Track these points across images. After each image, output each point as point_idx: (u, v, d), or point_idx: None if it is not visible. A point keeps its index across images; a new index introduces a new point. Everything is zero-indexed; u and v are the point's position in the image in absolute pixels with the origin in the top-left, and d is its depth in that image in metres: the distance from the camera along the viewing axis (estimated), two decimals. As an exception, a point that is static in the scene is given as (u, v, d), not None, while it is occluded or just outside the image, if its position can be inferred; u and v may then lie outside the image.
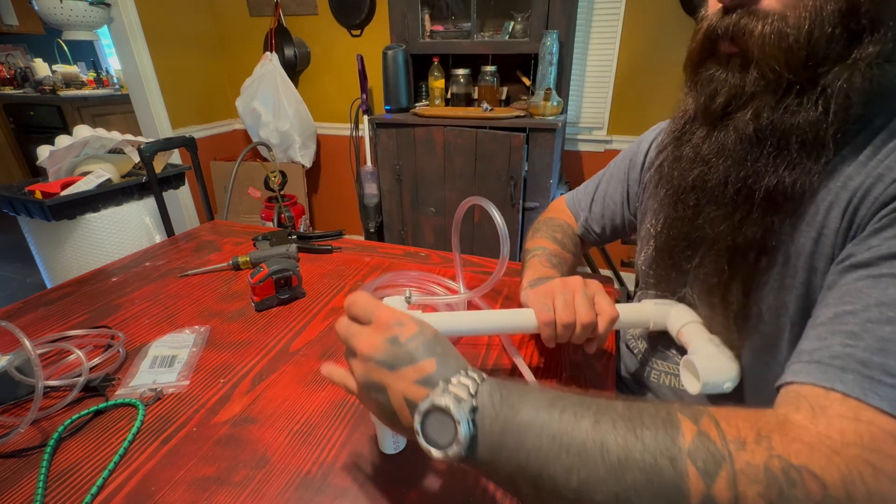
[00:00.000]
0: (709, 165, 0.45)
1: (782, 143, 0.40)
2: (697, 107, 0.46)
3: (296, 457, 0.46)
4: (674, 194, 0.50)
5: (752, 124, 0.41)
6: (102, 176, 1.43)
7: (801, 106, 0.39)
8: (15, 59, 3.71)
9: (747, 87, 0.41)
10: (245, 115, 2.45)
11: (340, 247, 0.94)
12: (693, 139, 0.47)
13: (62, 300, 0.75)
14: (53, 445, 0.47)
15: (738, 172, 0.42)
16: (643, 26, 1.90)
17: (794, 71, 0.38)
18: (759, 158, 0.41)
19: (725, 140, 0.43)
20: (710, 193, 0.45)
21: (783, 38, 0.37)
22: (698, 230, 0.47)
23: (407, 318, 0.35)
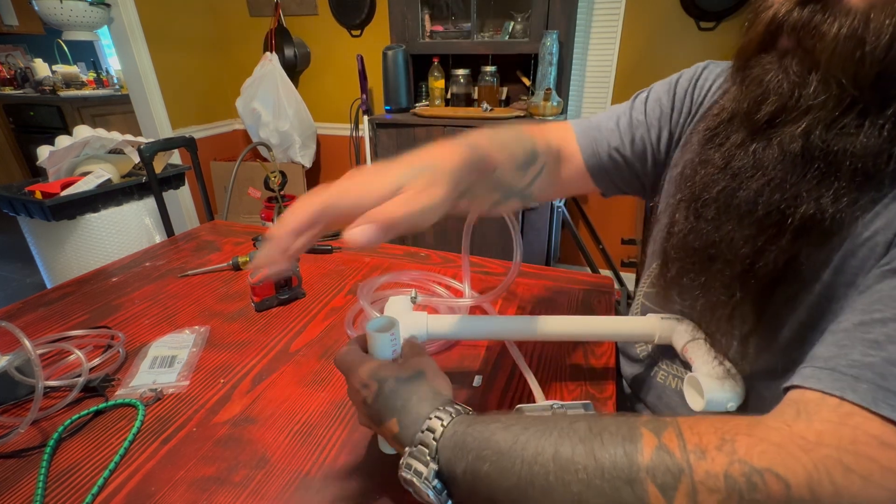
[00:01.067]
0: (739, 179, 0.39)
1: (831, 167, 0.34)
2: (738, 109, 0.40)
3: (296, 457, 0.46)
4: (691, 201, 0.44)
5: (800, 142, 0.35)
6: (102, 176, 1.43)
7: (861, 129, 0.33)
8: (15, 59, 3.71)
9: (802, 100, 0.35)
10: (245, 115, 2.45)
11: (340, 247, 0.94)
12: (726, 144, 0.41)
13: (62, 300, 0.75)
14: (53, 446, 0.47)
15: (774, 194, 0.37)
16: (643, 26, 1.90)
17: (861, 87, 0.33)
18: (801, 182, 0.36)
19: (765, 155, 0.37)
20: (735, 210, 0.40)
21: (859, 45, 0.31)
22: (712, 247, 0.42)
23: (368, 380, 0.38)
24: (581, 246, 1.94)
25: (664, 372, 0.57)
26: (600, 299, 0.75)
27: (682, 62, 1.95)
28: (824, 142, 0.34)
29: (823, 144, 0.34)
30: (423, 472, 0.32)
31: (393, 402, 0.36)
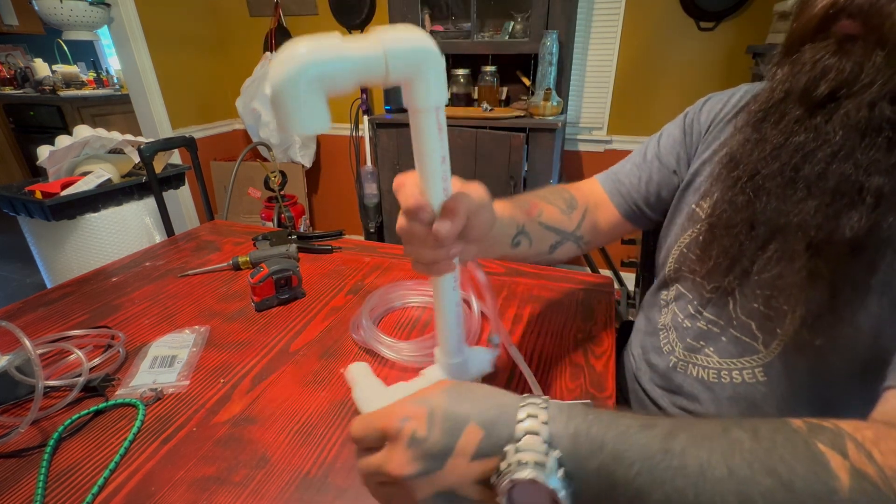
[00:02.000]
0: (803, 154, 0.40)
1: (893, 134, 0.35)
2: (793, 88, 0.40)
3: (296, 457, 0.46)
4: (749, 177, 0.44)
5: (865, 112, 0.36)
6: (102, 176, 1.43)
7: None
8: (15, 59, 3.71)
9: (865, 75, 0.36)
10: (245, 115, 2.45)
11: (340, 247, 0.94)
12: (783, 122, 0.42)
13: (62, 300, 0.75)
14: (53, 445, 0.47)
15: (844, 164, 0.37)
16: (643, 26, 1.90)
17: None
18: (871, 151, 0.36)
19: (829, 127, 0.38)
20: (803, 182, 0.40)
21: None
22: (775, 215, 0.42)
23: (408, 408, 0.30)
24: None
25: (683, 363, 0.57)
26: (600, 299, 0.75)
27: (682, 62, 1.96)
28: (893, 111, 0.35)
29: (892, 114, 0.35)
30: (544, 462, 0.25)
31: (457, 410, 0.29)
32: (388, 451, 0.30)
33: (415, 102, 0.37)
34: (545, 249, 0.60)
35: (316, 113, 0.32)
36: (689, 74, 1.90)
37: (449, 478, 0.28)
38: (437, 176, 0.41)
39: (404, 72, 0.35)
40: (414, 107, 0.38)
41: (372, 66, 0.33)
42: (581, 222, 0.62)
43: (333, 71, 0.32)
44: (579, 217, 0.62)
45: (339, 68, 0.32)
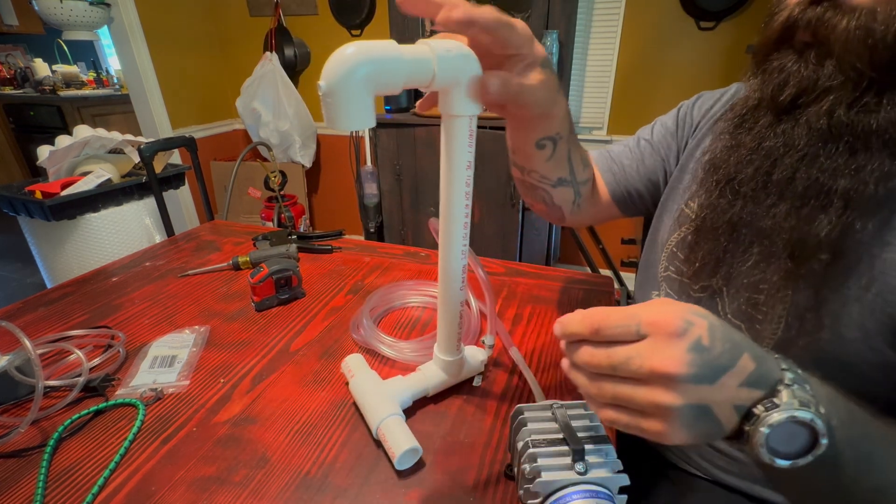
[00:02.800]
0: (773, 159, 0.42)
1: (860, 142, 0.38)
2: (763, 96, 0.44)
3: (296, 457, 0.46)
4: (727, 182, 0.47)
5: (825, 119, 0.38)
6: (102, 176, 1.43)
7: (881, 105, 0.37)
8: (15, 59, 3.71)
9: (821, 81, 0.38)
10: (245, 115, 2.45)
11: (340, 247, 0.94)
12: (756, 128, 0.45)
13: (62, 300, 0.75)
14: (53, 445, 0.47)
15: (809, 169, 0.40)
16: (643, 26, 1.90)
17: (878, 69, 0.36)
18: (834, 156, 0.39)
19: (794, 133, 0.41)
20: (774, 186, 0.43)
21: (869, 34, 0.36)
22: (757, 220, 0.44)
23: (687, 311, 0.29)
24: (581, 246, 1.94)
25: None
26: (600, 299, 0.75)
27: (682, 62, 1.96)
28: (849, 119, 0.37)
29: (847, 120, 0.37)
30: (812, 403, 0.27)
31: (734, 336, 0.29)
32: (656, 345, 0.28)
33: (451, 109, 0.39)
34: (554, 177, 0.58)
35: (363, 111, 0.34)
36: (689, 74, 1.90)
37: (715, 394, 0.28)
38: (461, 180, 0.43)
39: (450, 77, 0.37)
40: (449, 112, 0.40)
41: (421, 69, 0.36)
42: (586, 182, 0.62)
43: (384, 70, 0.34)
44: (587, 176, 0.62)
45: (390, 68, 0.34)
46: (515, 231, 1.87)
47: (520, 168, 0.58)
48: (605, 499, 0.35)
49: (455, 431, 0.49)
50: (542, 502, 0.36)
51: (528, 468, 0.37)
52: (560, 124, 0.51)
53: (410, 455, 0.45)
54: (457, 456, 0.46)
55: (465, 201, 0.44)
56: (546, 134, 0.51)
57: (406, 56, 0.35)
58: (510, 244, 1.91)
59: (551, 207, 0.62)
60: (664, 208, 0.61)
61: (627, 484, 0.36)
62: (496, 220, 1.89)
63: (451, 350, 0.52)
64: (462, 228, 0.46)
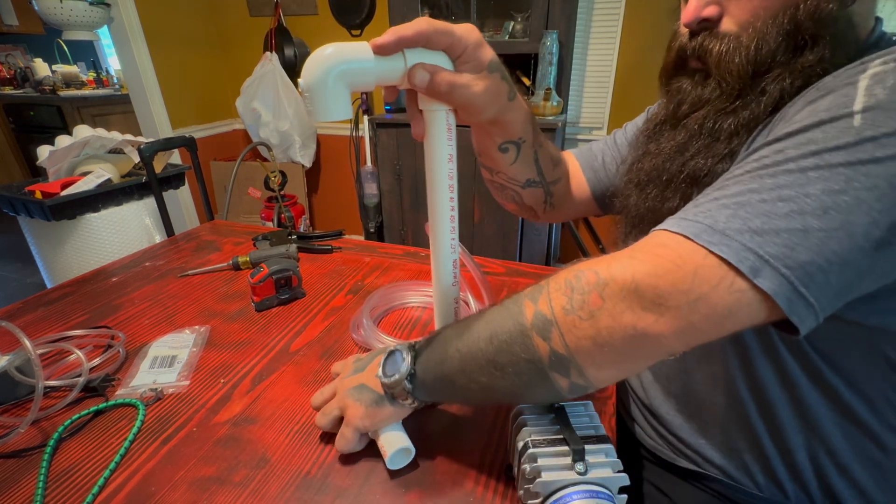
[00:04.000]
0: (662, 157, 0.51)
1: (716, 136, 0.46)
2: (667, 113, 0.52)
3: (296, 457, 0.46)
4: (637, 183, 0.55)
5: (700, 122, 0.47)
6: (102, 176, 1.43)
7: (742, 107, 0.45)
8: (15, 59, 3.71)
9: (705, 96, 0.47)
10: (245, 115, 2.45)
11: (340, 247, 0.94)
12: (659, 138, 0.53)
13: (62, 300, 0.75)
14: (53, 445, 0.47)
15: (679, 158, 0.49)
16: (643, 26, 1.90)
17: (743, 80, 0.44)
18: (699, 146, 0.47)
19: (678, 136, 0.50)
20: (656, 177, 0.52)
21: (736, 54, 0.44)
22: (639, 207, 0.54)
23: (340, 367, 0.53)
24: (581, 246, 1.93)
25: None
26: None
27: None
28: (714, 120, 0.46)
29: (714, 122, 0.46)
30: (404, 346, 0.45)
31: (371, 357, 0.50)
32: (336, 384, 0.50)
33: (427, 103, 0.42)
34: (522, 178, 0.62)
35: (339, 104, 0.38)
36: (689, 74, 1.90)
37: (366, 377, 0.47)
38: (443, 174, 0.44)
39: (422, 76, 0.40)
40: (427, 107, 0.42)
41: (392, 68, 0.39)
42: (558, 181, 0.66)
43: (356, 69, 0.37)
44: (559, 175, 0.66)
45: (362, 68, 0.38)
46: (515, 231, 1.87)
47: (487, 169, 0.62)
48: (605, 499, 0.35)
49: (455, 431, 0.49)
50: (543, 502, 0.36)
51: (528, 468, 0.37)
52: (521, 130, 0.54)
53: (403, 455, 0.45)
54: (456, 456, 0.46)
55: (450, 194, 0.45)
56: (506, 139, 0.55)
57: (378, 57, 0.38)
58: (510, 244, 1.91)
59: (522, 207, 0.67)
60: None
61: (627, 484, 0.36)
62: (496, 220, 1.89)
63: None
64: (449, 222, 0.46)
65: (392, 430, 0.45)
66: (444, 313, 0.50)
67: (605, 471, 0.36)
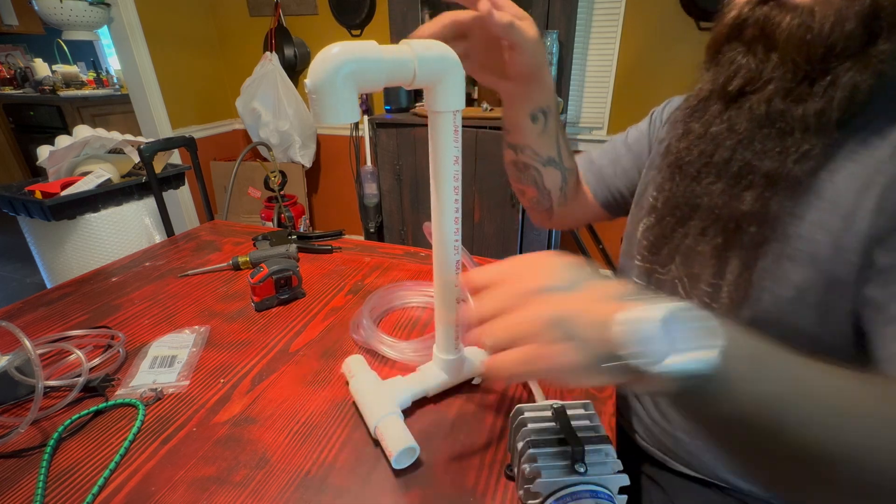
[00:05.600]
0: (716, 142, 0.47)
1: (788, 127, 0.42)
2: (714, 86, 0.47)
3: (296, 457, 0.46)
4: (676, 165, 0.52)
5: (764, 107, 0.43)
6: (102, 176, 1.43)
7: (810, 95, 0.41)
8: (15, 59, 3.71)
9: (765, 73, 0.43)
10: (245, 115, 2.45)
11: (340, 247, 0.94)
12: (705, 116, 0.49)
13: (62, 300, 0.75)
14: (53, 445, 0.47)
15: (744, 151, 0.45)
16: (643, 26, 1.90)
17: (812, 62, 0.40)
18: (766, 140, 0.43)
19: (737, 119, 0.45)
20: (714, 167, 0.47)
21: (807, 31, 0.40)
22: (696, 198, 0.49)
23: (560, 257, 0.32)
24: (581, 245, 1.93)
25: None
26: (600, 299, 0.75)
27: (682, 62, 1.96)
28: (782, 107, 0.42)
29: (782, 108, 0.42)
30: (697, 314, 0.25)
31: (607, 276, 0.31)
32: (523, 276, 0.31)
33: (435, 105, 0.42)
34: (545, 154, 0.62)
35: (347, 106, 0.36)
36: (689, 74, 1.89)
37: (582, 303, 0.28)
38: (449, 175, 0.44)
39: (430, 76, 0.39)
40: (434, 109, 0.42)
41: (402, 68, 0.38)
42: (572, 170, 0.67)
43: (366, 69, 0.36)
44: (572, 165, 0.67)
45: (372, 67, 0.36)
46: (515, 231, 1.87)
47: (514, 147, 0.62)
48: (605, 499, 0.35)
49: (455, 431, 0.49)
50: (542, 502, 0.36)
51: (528, 468, 0.37)
52: (549, 96, 0.56)
53: (408, 454, 0.45)
54: (457, 456, 0.46)
55: (455, 195, 0.45)
56: (538, 105, 0.56)
57: (387, 56, 0.37)
58: (510, 244, 1.91)
59: (542, 191, 0.66)
60: (636, 204, 0.64)
61: (627, 484, 0.36)
62: (496, 220, 1.89)
63: (450, 348, 0.52)
64: (453, 223, 0.46)
65: (396, 429, 0.45)
66: (445, 314, 0.50)
67: (605, 471, 0.36)
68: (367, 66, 0.36)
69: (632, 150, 0.68)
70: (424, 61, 0.38)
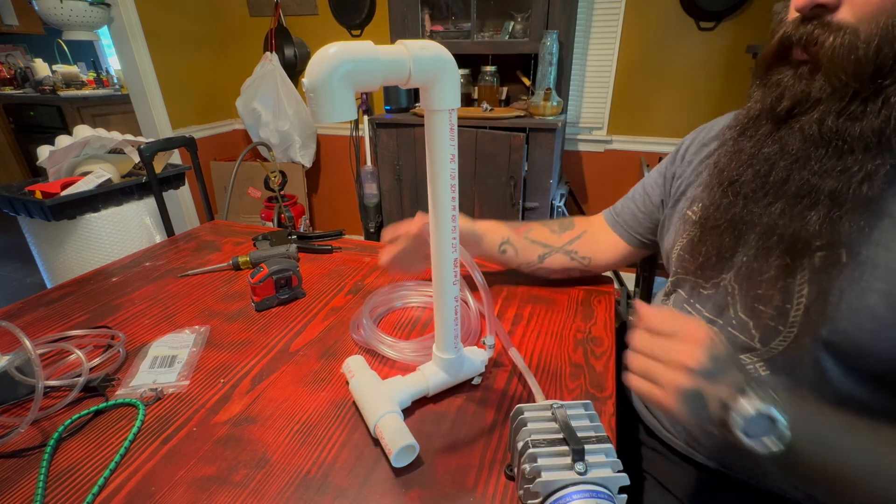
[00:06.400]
0: (770, 163, 0.46)
1: (846, 146, 0.42)
2: (763, 107, 0.47)
3: (296, 457, 0.46)
4: (728, 183, 0.51)
5: (816, 127, 0.43)
6: (102, 176, 1.43)
7: (865, 113, 0.41)
8: (15, 59, 3.70)
9: (813, 94, 0.43)
10: (245, 115, 2.45)
11: (340, 247, 0.94)
12: (756, 136, 0.49)
13: (62, 300, 0.75)
14: (53, 445, 0.47)
15: (801, 171, 0.44)
16: (643, 26, 1.90)
17: (861, 81, 0.40)
18: (823, 159, 0.43)
19: (789, 139, 0.45)
20: (771, 187, 0.47)
21: (853, 50, 0.40)
22: (752, 217, 0.49)
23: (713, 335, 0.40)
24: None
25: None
26: (600, 299, 0.75)
27: (682, 62, 1.96)
28: (837, 126, 0.42)
29: (836, 128, 0.42)
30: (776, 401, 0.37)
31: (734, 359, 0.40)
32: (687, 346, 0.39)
33: (431, 104, 0.42)
34: (534, 259, 0.74)
35: (344, 104, 0.37)
36: (689, 74, 1.90)
37: (711, 389, 0.38)
38: (445, 173, 0.45)
39: (425, 76, 0.40)
40: (430, 108, 0.42)
41: (398, 68, 0.39)
42: (574, 240, 0.75)
43: (363, 69, 0.37)
44: (572, 236, 0.75)
45: (368, 67, 0.37)
46: (515, 231, 1.87)
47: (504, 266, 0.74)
48: (605, 499, 0.35)
49: (455, 431, 0.49)
50: (542, 502, 0.36)
51: (528, 468, 0.37)
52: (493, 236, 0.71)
53: (407, 452, 0.45)
54: (457, 456, 0.46)
55: (452, 193, 0.45)
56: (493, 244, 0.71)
57: (383, 56, 0.37)
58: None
59: (563, 272, 0.76)
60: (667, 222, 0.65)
61: (627, 484, 0.36)
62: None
63: (449, 347, 0.52)
64: (451, 221, 0.46)
65: (396, 427, 0.45)
66: (444, 313, 0.50)
67: (605, 471, 0.36)
68: (363, 65, 0.37)
69: (650, 196, 0.70)
70: (419, 61, 0.39)
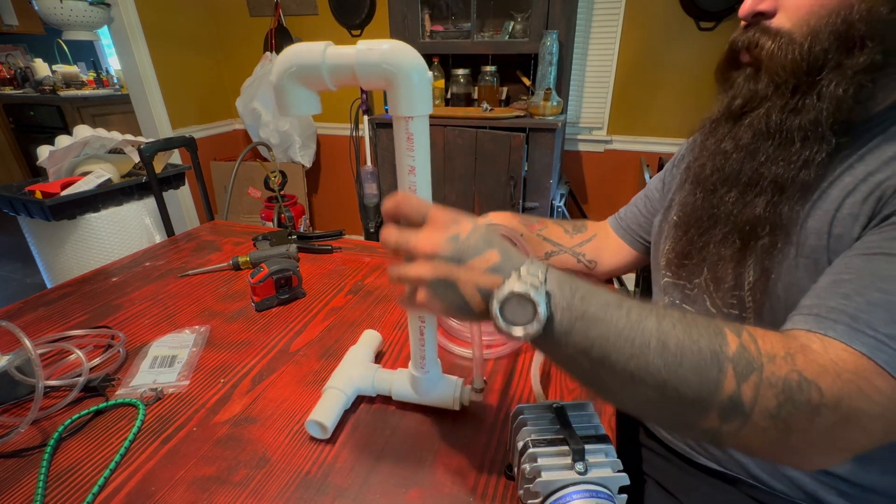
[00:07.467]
0: (726, 156, 0.51)
1: (789, 137, 0.46)
2: (722, 108, 0.52)
3: (296, 457, 0.46)
4: (695, 181, 0.56)
5: (763, 121, 0.47)
6: (102, 176, 1.43)
7: (804, 107, 0.45)
8: (15, 59, 3.70)
9: (760, 92, 0.48)
10: (245, 115, 2.45)
11: (340, 247, 0.94)
12: (717, 134, 0.53)
13: (62, 300, 0.75)
14: (53, 445, 0.47)
15: (751, 162, 0.49)
16: (643, 26, 1.90)
17: (798, 77, 0.45)
18: (770, 150, 0.47)
19: (742, 134, 0.49)
20: (727, 180, 0.51)
21: (788, 51, 0.45)
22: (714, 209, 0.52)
23: (460, 217, 0.37)
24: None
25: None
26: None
27: (682, 62, 1.96)
28: (780, 120, 0.46)
29: (780, 120, 0.46)
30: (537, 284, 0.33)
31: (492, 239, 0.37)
32: (426, 233, 0.37)
33: (392, 108, 0.40)
34: (539, 255, 0.75)
35: (305, 100, 0.40)
36: (689, 74, 1.90)
37: (461, 273, 0.35)
38: (403, 185, 0.41)
39: (374, 81, 0.38)
40: (392, 112, 0.40)
41: (344, 72, 0.39)
42: (584, 243, 0.76)
43: (308, 71, 0.39)
44: (583, 238, 0.77)
45: (313, 69, 0.38)
46: (515, 231, 1.86)
47: None
48: (605, 499, 0.35)
49: (455, 431, 0.49)
50: (542, 502, 0.36)
51: (528, 468, 0.37)
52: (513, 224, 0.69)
53: (317, 428, 0.48)
54: (457, 456, 0.46)
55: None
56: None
57: (329, 60, 0.38)
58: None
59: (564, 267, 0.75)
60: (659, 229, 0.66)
61: (627, 484, 0.36)
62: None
63: (416, 365, 0.50)
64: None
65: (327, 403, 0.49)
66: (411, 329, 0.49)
67: (605, 470, 0.36)
68: (306, 69, 0.38)
69: (651, 200, 0.73)
70: (362, 66, 0.37)
